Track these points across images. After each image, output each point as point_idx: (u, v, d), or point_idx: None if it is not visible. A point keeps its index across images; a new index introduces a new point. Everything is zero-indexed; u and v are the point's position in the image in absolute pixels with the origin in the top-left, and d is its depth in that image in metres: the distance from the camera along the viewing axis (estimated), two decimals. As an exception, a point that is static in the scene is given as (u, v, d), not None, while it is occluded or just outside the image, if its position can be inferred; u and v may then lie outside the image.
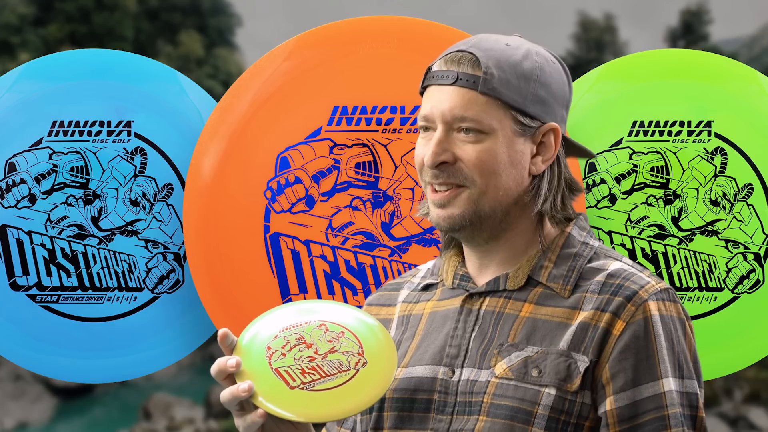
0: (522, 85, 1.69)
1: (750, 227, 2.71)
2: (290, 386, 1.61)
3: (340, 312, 1.70)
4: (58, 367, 2.77)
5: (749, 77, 2.75)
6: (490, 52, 1.69)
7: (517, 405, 1.65)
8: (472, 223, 1.70)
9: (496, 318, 1.71)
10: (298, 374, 1.62)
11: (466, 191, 1.69)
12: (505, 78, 1.68)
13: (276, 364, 1.63)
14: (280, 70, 2.68)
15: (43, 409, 15.62)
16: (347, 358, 1.64)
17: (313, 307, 1.71)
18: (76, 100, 2.73)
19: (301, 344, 1.64)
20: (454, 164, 1.69)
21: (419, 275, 1.85)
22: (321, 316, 1.68)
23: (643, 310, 1.66)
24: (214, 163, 2.67)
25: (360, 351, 1.65)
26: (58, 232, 2.71)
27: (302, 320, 1.67)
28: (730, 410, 15.50)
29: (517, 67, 1.69)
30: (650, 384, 1.64)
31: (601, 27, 27.32)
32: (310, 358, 1.63)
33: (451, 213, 1.70)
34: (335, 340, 1.65)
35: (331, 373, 1.62)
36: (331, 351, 1.64)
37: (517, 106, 1.69)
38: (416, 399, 1.72)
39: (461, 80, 1.69)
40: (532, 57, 1.71)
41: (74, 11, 21.99)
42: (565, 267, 1.72)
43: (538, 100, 1.70)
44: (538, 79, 1.70)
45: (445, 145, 1.69)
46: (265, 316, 1.70)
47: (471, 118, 1.68)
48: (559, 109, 1.73)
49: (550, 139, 1.71)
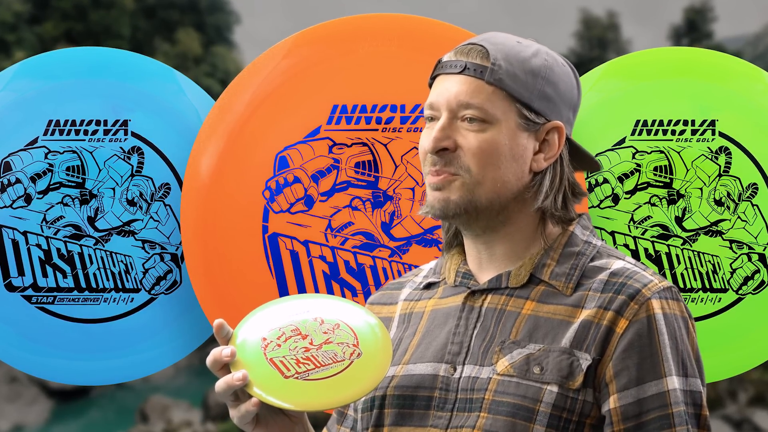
0: (529, 80, 1.71)
1: (755, 227, 2.70)
2: (285, 376, 1.63)
3: (337, 305, 1.73)
4: (54, 369, 2.77)
5: (754, 75, 2.75)
6: (500, 46, 1.72)
7: (519, 402, 1.65)
8: (467, 211, 1.71)
9: (498, 315, 1.72)
10: (293, 364, 1.64)
11: (459, 179, 1.70)
12: (512, 71, 1.70)
13: (271, 354, 1.65)
14: (279, 68, 2.67)
15: (38, 411, 15.64)
16: (342, 349, 1.66)
17: (309, 300, 1.73)
18: (72, 99, 2.72)
19: (297, 335, 1.67)
20: (454, 152, 1.70)
21: (421, 274, 1.86)
22: (317, 308, 1.71)
23: (646, 308, 1.66)
24: (212, 163, 2.67)
25: (355, 342, 1.67)
26: (54, 233, 2.70)
27: (298, 313, 1.70)
28: (735, 413, 15.54)
29: (525, 62, 1.71)
30: (654, 382, 1.65)
31: (604, 25, 27.44)
32: (305, 348, 1.65)
33: (446, 197, 1.71)
34: (331, 332, 1.67)
35: (326, 363, 1.64)
36: (326, 342, 1.66)
37: (523, 100, 1.70)
38: (417, 396, 1.72)
39: (469, 69, 1.71)
40: (542, 55, 1.73)
41: (70, 9, 22.03)
42: (568, 265, 1.72)
43: (545, 97, 1.71)
44: (546, 76, 1.72)
45: (448, 131, 1.71)
46: (262, 309, 1.72)
47: (476, 105, 1.70)
48: (565, 110, 1.74)
49: (554, 137, 1.73)
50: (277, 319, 1.69)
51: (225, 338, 1.67)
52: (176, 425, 14.91)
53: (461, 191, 1.70)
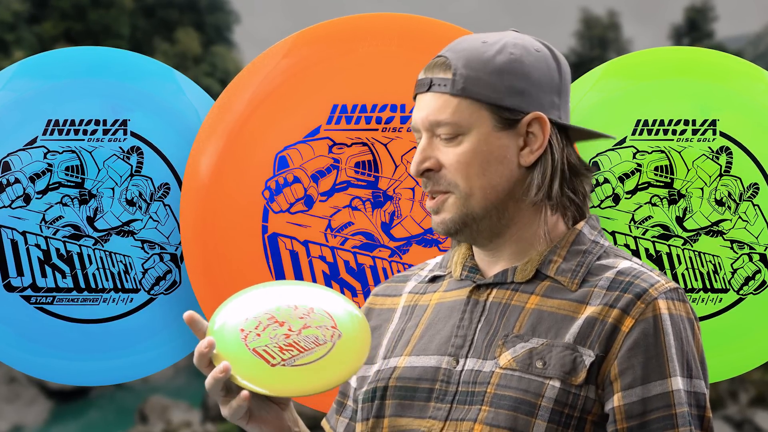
0: (494, 80, 1.70)
1: (756, 227, 2.70)
2: (271, 364, 1.65)
3: (305, 290, 1.75)
4: (53, 370, 2.76)
5: (755, 75, 2.75)
6: (462, 53, 1.72)
7: (521, 396, 1.66)
8: (467, 225, 1.72)
9: (502, 309, 1.72)
10: (277, 352, 1.66)
11: (452, 196, 1.72)
12: (475, 76, 1.70)
13: (253, 344, 1.66)
14: (279, 68, 2.67)
15: (38, 412, 15.65)
16: (322, 332, 1.68)
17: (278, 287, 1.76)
18: (72, 99, 2.72)
19: (274, 323, 1.68)
20: (439, 171, 1.72)
21: (427, 268, 1.87)
22: (288, 294, 1.73)
23: (652, 308, 1.67)
24: (211, 163, 2.66)
25: (333, 324, 1.69)
26: (53, 233, 2.70)
27: (270, 300, 1.71)
28: (736, 413, 15.56)
29: (488, 63, 1.70)
30: (659, 382, 1.65)
31: (605, 24, 27.47)
32: (285, 335, 1.67)
33: (443, 218, 1.73)
34: (307, 316, 1.69)
35: (309, 348, 1.66)
36: (304, 327, 1.68)
37: (492, 102, 1.70)
38: (418, 388, 1.73)
39: (435, 85, 1.72)
40: (507, 50, 1.72)
41: (69, 8, 22.04)
42: (574, 262, 1.73)
43: (516, 92, 1.71)
44: (513, 71, 1.71)
45: (428, 152, 1.73)
46: (233, 300, 1.73)
47: (445, 121, 1.71)
48: (546, 96, 1.73)
49: (536, 128, 1.72)
50: (250, 308, 1.70)
51: (201, 331, 1.69)
52: (176, 426, 14.91)
53: (455, 208, 1.71)
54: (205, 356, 1.66)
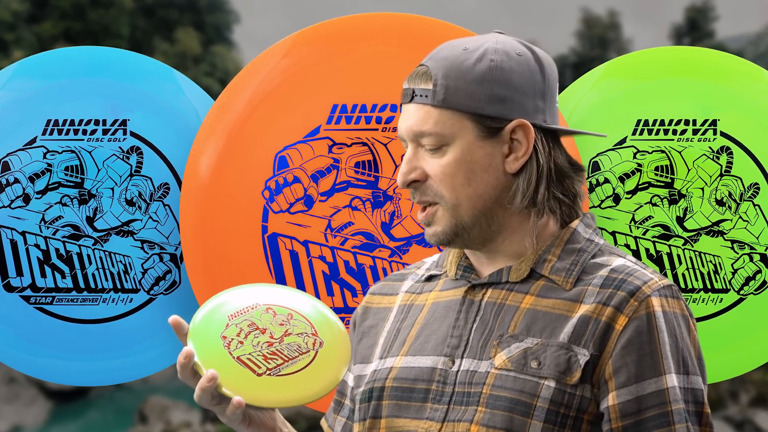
0: (474, 89, 1.69)
1: (756, 227, 2.70)
2: (257, 374, 1.65)
3: (280, 294, 1.75)
4: (53, 370, 2.76)
5: (755, 75, 2.75)
6: (443, 62, 1.71)
7: (516, 397, 1.66)
8: (458, 234, 1.73)
9: (497, 309, 1.73)
10: (261, 361, 1.66)
11: (440, 208, 1.72)
12: (454, 86, 1.70)
13: (236, 352, 1.66)
14: (279, 67, 2.67)
15: (37, 412, 15.63)
16: (303, 339, 1.69)
17: (252, 291, 1.75)
18: (71, 99, 2.71)
19: (255, 330, 1.68)
20: (425, 181, 1.72)
21: (424, 267, 1.87)
22: (264, 299, 1.72)
23: (646, 305, 1.67)
24: (211, 162, 2.66)
25: (314, 331, 1.70)
26: (53, 233, 2.70)
27: (247, 306, 1.71)
28: (736, 413, 15.55)
29: (468, 72, 1.70)
30: (653, 380, 1.65)
31: (605, 24, 27.47)
32: (268, 343, 1.67)
33: (435, 231, 1.73)
34: (286, 323, 1.69)
35: (293, 357, 1.67)
36: (286, 334, 1.68)
37: (473, 111, 1.70)
38: (415, 388, 1.73)
39: (417, 96, 1.72)
40: (488, 57, 1.71)
41: (69, 8, 22.04)
42: (569, 261, 1.73)
43: (497, 100, 1.70)
44: (494, 78, 1.70)
45: (414, 162, 1.73)
46: (208, 304, 1.72)
47: (428, 132, 1.71)
48: (529, 101, 1.72)
49: (520, 135, 1.71)
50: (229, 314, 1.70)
51: (185, 337, 1.70)
52: (175, 426, 14.90)
53: (445, 218, 1.72)
54: (187, 367, 1.67)
